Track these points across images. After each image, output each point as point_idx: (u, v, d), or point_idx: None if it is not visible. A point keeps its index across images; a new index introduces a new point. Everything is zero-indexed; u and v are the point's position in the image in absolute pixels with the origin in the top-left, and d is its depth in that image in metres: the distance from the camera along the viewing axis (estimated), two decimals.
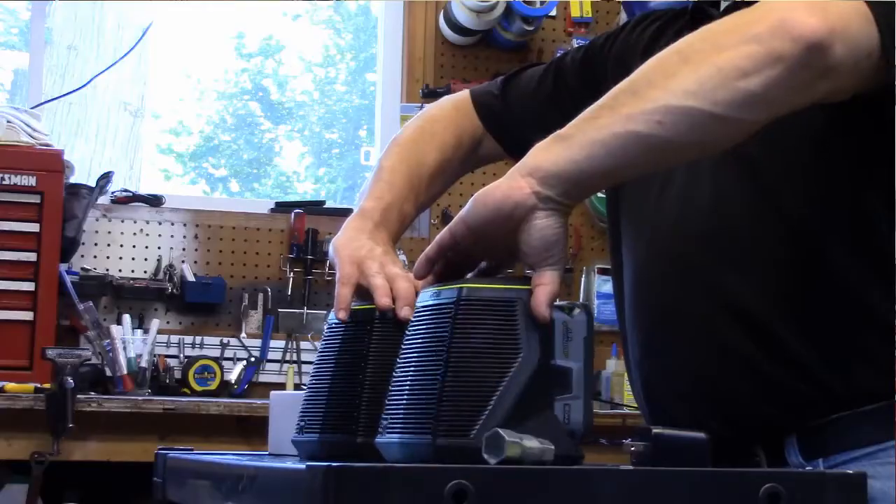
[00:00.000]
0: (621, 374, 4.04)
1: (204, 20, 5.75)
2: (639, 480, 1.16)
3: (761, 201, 1.50)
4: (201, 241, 4.12)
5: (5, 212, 3.52)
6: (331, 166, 6.64)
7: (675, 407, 1.57)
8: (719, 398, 1.54)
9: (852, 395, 1.49)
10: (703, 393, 1.55)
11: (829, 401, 1.50)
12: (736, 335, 1.52)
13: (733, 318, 1.53)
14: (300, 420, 1.43)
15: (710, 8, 1.68)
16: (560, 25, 4.48)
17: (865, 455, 1.46)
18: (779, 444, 1.51)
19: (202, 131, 6.65)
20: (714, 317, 1.54)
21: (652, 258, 1.62)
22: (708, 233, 1.54)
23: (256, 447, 3.12)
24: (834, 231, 1.50)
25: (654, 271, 1.62)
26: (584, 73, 1.82)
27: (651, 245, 1.62)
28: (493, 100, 1.86)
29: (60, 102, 4.55)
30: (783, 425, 1.52)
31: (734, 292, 1.53)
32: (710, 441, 1.24)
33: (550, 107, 1.80)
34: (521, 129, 1.79)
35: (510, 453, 1.15)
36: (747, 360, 1.52)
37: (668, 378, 1.61)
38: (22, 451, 3.19)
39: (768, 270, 1.52)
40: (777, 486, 1.15)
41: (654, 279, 1.62)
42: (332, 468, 1.06)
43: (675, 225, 1.57)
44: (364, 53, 6.39)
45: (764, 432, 1.52)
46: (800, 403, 1.51)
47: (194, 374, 3.89)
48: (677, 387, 1.59)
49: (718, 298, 1.54)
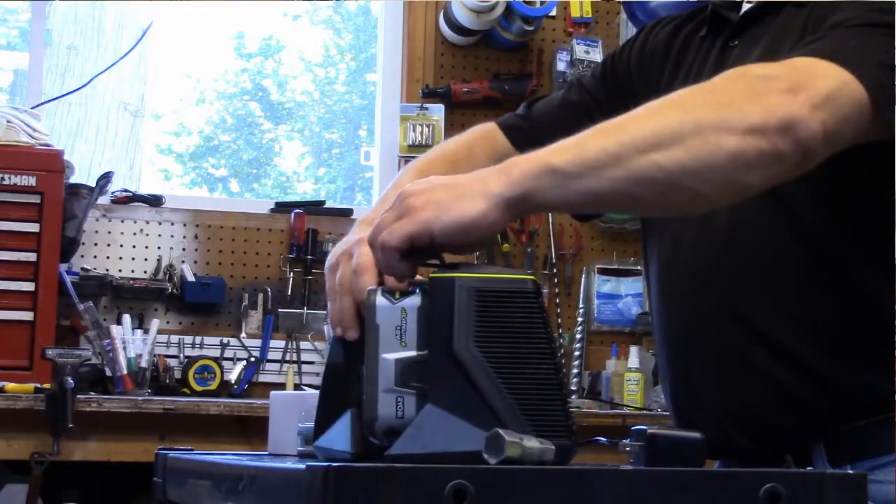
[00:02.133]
0: (621, 374, 4.05)
1: (204, 20, 5.75)
2: (639, 481, 1.16)
3: (778, 217, 1.51)
4: (201, 241, 4.12)
5: (5, 212, 3.52)
6: (331, 166, 6.64)
7: (699, 418, 1.58)
8: (742, 413, 1.55)
9: (874, 402, 1.50)
10: (725, 407, 1.57)
11: (851, 409, 1.52)
12: (755, 351, 1.55)
13: (752, 334, 1.55)
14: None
15: (728, 12, 1.69)
16: (560, 25, 4.48)
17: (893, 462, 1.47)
18: (806, 453, 1.52)
19: (202, 131, 6.65)
20: (733, 333, 1.57)
21: (673, 273, 1.66)
22: (726, 250, 1.56)
23: (256, 447, 3.11)
24: (851, 246, 1.52)
25: (675, 287, 1.65)
26: (606, 82, 1.85)
27: (672, 261, 1.66)
28: (518, 120, 1.89)
29: (60, 102, 4.55)
30: (808, 436, 1.53)
31: (752, 308, 1.55)
32: (705, 441, 1.25)
33: (577, 112, 1.82)
34: (550, 136, 1.81)
35: (510, 453, 1.15)
36: (767, 376, 1.54)
37: (691, 390, 1.64)
38: (22, 451, 3.19)
39: (786, 286, 1.55)
40: (777, 486, 1.15)
41: (675, 294, 1.65)
42: (331, 468, 1.06)
43: (694, 242, 1.59)
44: (364, 53, 6.39)
45: (788, 443, 1.53)
46: (821, 414, 1.53)
47: (194, 374, 3.89)
48: (701, 400, 1.61)
49: (737, 314, 1.56)
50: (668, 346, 1.68)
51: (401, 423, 1.20)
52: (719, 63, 1.67)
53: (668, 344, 1.67)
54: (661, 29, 1.82)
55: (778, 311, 1.54)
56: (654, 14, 4.01)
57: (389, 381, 1.20)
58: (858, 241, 1.52)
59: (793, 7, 1.62)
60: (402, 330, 1.21)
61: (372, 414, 1.20)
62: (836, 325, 1.52)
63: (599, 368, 4.19)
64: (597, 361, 4.24)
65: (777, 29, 1.62)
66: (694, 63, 1.73)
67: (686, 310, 1.62)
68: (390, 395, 1.20)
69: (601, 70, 1.86)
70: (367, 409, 1.21)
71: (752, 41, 1.64)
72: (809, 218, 1.52)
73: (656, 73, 1.79)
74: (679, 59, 1.77)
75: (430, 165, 1.71)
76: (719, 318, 1.58)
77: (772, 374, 1.54)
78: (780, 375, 1.53)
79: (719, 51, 1.69)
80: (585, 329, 4.24)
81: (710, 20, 1.73)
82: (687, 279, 1.62)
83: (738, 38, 1.67)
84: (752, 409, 1.55)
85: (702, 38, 1.75)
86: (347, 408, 1.28)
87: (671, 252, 1.65)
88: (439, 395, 1.19)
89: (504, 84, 4.38)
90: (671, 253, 1.65)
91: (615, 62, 1.85)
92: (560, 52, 4.42)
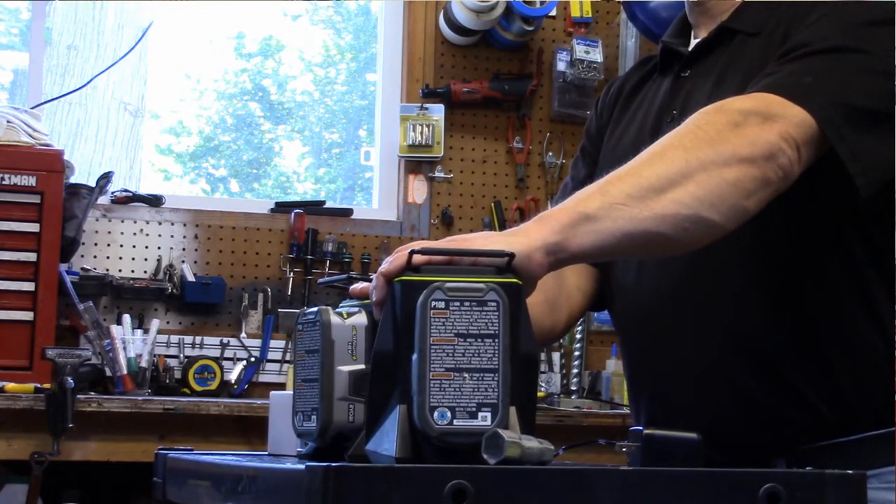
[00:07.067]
0: (621, 374, 4.03)
1: (204, 20, 5.75)
2: (638, 481, 1.16)
3: (748, 233, 1.52)
4: (201, 241, 4.12)
5: (5, 212, 3.52)
6: (331, 166, 6.63)
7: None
8: (705, 423, 1.56)
9: (842, 421, 1.55)
10: (687, 417, 1.58)
11: (826, 426, 1.55)
12: (735, 368, 1.58)
13: (733, 350, 1.58)
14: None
15: (678, 46, 1.76)
16: (560, 25, 4.48)
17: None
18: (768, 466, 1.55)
19: (202, 131, 6.64)
20: (712, 348, 1.59)
21: (640, 292, 1.67)
22: (695, 265, 1.57)
23: (256, 447, 3.12)
24: (814, 261, 1.56)
25: (642, 304, 1.67)
26: (590, 160, 1.89)
27: (638, 278, 1.66)
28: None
29: (60, 102, 4.55)
30: (774, 450, 1.56)
31: (731, 324, 1.59)
32: (701, 441, 1.25)
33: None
34: None
35: (509, 453, 1.15)
36: (746, 393, 1.56)
37: (657, 401, 1.67)
38: (22, 451, 3.19)
39: (756, 301, 1.58)
40: (777, 486, 1.15)
41: (643, 312, 1.68)
42: (331, 468, 1.06)
43: (662, 260, 1.60)
44: (364, 53, 6.39)
45: (753, 455, 1.55)
46: (798, 431, 1.55)
47: (194, 374, 3.89)
48: (665, 410, 1.63)
49: (713, 330, 1.60)
50: (634, 366, 1.73)
51: (351, 428, 1.28)
52: (672, 93, 1.72)
53: (635, 363, 1.73)
54: (607, 90, 1.90)
55: (762, 326, 1.57)
56: (654, 14, 4.01)
57: (343, 391, 1.29)
58: (824, 258, 1.57)
59: (744, 36, 1.67)
60: (352, 345, 1.30)
61: (327, 418, 1.28)
62: (809, 339, 1.57)
63: (599, 368, 4.19)
64: (597, 361, 4.24)
65: (729, 58, 1.67)
66: (646, 97, 1.79)
67: (654, 325, 1.66)
68: (343, 403, 1.29)
69: (580, 153, 1.92)
70: (324, 415, 1.29)
71: (704, 71, 1.69)
72: (773, 234, 1.57)
73: (614, 121, 1.85)
74: (629, 98, 1.84)
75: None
76: (696, 332, 1.61)
77: (740, 384, 1.58)
78: (752, 388, 1.57)
79: (671, 82, 1.74)
80: (585, 329, 4.24)
81: (662, 56, 1.79)
82: (656, 295, 1.65)
83: (691, 68, 1.72)
84: (716, 420, 1.57)
85: (653, 77, 1.81)
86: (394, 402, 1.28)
87: (638, 277, 1.68)
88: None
89: (504, 84, 4.38)
90: (637, 278, 1.68)
91: (588, 138, 1.91)
92: (560, 52, 4.42)
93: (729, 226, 1.41)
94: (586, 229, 1.31)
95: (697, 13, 1.75)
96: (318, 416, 1.29)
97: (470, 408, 1.19)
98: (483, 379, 1.19)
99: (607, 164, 1.71)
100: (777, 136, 1.42)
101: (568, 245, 1.30)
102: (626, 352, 1.75)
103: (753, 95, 1.48)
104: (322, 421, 1.28)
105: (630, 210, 1.34)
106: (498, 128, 4.44)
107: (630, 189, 1.35)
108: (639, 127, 1.75)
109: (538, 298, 1.57)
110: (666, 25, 1.88)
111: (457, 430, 1.18)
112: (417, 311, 1.20)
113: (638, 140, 1.68)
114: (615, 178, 1.37)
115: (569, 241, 1.30)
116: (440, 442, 1.18)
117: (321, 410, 1.29)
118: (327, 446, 1.30)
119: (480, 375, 1.19)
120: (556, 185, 4.27)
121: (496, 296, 1.21)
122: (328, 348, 1.29)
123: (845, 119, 1.47)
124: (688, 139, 1.41)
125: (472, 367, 1.19)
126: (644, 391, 1.70)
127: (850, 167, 1.46)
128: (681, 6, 1.80)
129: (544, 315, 1.70)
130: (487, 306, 1.21)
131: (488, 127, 4.43)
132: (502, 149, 4.43)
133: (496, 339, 1.20)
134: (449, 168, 4.37)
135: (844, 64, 1.51)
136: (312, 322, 1.32)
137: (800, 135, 1.44)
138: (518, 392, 1.21)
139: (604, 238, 1.32)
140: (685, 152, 1.38)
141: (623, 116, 1.82)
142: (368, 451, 1.23)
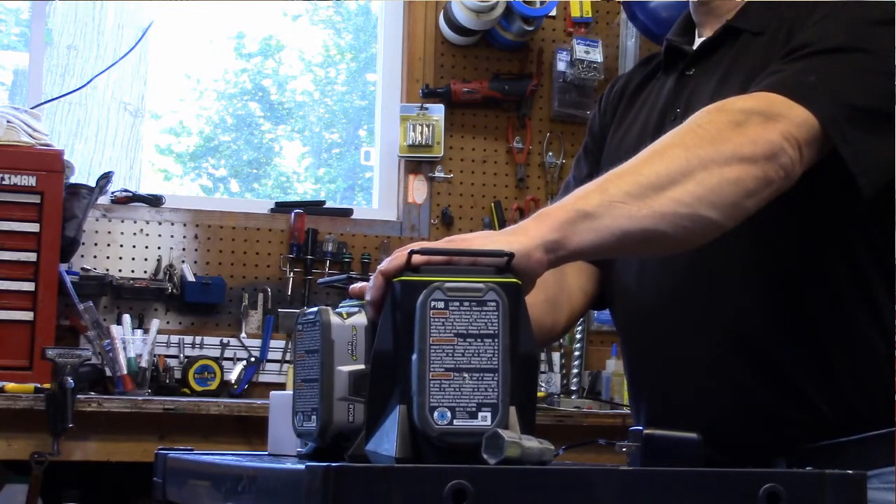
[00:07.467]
0: (621, 374, 4.04)
1: (204, 20, 5.75)
2: (638, 481, 1.16)
3: (749, 233, 1.52)
4: (201, 241, 4.12)
5: (5, 212, 3.52)
6: (331, 166, 6.63)
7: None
8: (705, 423, 1.57)
9: (842, 420, 1.55)
10: (687, 417, 1.58)
11: (820, 426, 1.54)
12: (736, 367, 1.58)
13: (734, 349, 1.58)
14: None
15: (683, 45, 1.76)
16: (560, 25, 4.48)
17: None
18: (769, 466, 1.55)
19: (202, 131, 6.64)
20: (714, 347, 1.59)
21: (642, 291, 1.67)
22: (696, 265, 1.57)
23: (256, 447, 3.12)
24: (815, 261, 1.56)
25: (643, 303, 1.67)
26: (593, 157, 1.89)
27: (639, 278, 1.66)
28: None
29: (60, 102, 4.55)
30: (774, 450, 1.56)
31: (733, 322, 1.59)
32: (701, 441, 1.25)
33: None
34: None
35: (509, 453, 1.15)
36: (748, 393, 1.56)
37: (657, 401, 1.67)
38: (22, 451, 3.19)
39: (757, 301, 1.59)
40: (777, 486, 1.15)
41: (643, 312, 1.68)
42: (331, 468, 1.06)
43: (664, 258, 1.60)
44: (364, 53, 6.39)
45: (753, 455, 1.55)
46: (800, 432, 1.55)
47: (194, 374, 3.89)
48: (665, 410, 1.63)
49: (713, 328, 1.60)
50: (634, 366, 1.73)
51: (351, 428, 1.28)
52: (676, 92, 1.72)
53: (635, 362, 1.72)
54: (611, 88, 1.90)
55: (763, 326, 1.57)
56: (654, 14, 4.01)
57: (343, 391, 1.29)
58: (824, 262, 1.57)
59: (749, 35, 1.67)
60: (352, 345, 1.30)
61: (327, 418, 1.28)
62: (810, 339, 1.57)
63: (599, 368, 4.19)
64: (597, 361, 4.24)
65: (734, 57, 1.67)
66: (649, 96, 1.80)
67: (654, 326, 1.66)
68: (343, 403, 1.29)
69: (583, 151, 1.92)
70: (324, 415, 1.29)
71: (709, 69, 1.70)
72: (773, 236, 1.57)
73: (617, 120, 1.85)
74: (633, 97, 1.84)
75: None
76: (697, 331, 1.61)
77: (752, 392, 1.57)
78: (750, 385, 1.57)
79: (675, 80, 1.74)
80: (585, 329, 4.23)
81: (666, 55, 1.79)
82: (656, 294, 1.65)
83: (695, 66, 1.73)
84: (730, 428, 1.56)
85: (656, 76, 1.81)
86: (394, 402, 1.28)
87: (639, 277, 1.68)
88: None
89: (504, 84, 4.38)
90: (641, 268, 1.67)
91: (591, 136, 1.91)
92: (560, 52, 4.42)
93: (728, 224, 1.41)
94: (585, 227, 1.31)
95: (702, 12, 1.75)
96: (318, 416, 1.29)
97: (470, 408, 1.19)
98: (483, 379, 1.19)
99: (610, 162, 1.71)
100: (779, 135, 1.42)
101: (567, 243, 1.30)
102: (626, 351, 1.75)
103: (755, 95, 1.48)
104: (322, 421, 1.29)
105: (629, 208, 1.34)
106: (498, 128, 4.44)
107: (629, 187, 1.35)
108: (642, 125, 1.75)
109: (539, 297, 1.57)
110: (666, 25, 1.89)
111: (457, 430, 1.18)
112: (417, 311, 1.20)
113: (641, 138, 1.69)
114: (614, 176, 1.37)
115: (568, 238, 1.30)
116: (440, 442, 1.18)
117: (321, 410, 1.29)
118: (327, 446, 1.30)
119: (480, 375, 1.19)
120: (557, 185, 4.28)
121: (496, 296, 1.21)
122: (328, 348, 1.29)
123: (848, 119, 1.47)
124: (688, 138, 1.41)
125: (472, 367, 1.19)
126: (644, 391, 1.69)
127: (853, 167, 1.46)
128: (681, 6, 1.80)
129: (545, 314, 1.70)
130: (487, 306, 1.21)
131: (488, 127, 4.43)
132: (502, 149, 4.43)
133: (496, 338, 1.20)
134: (449, 168, 4.37)
135: (847, 64, 1.51)
136: (312, 322, 1.32)
137: (802, 134, 1.44)
138: (518, 392, 1.21)
139: (603, 236, 1.32)
140: (685, 151, 1.39)
141: (626, 115, 1.82)
142: (368, 451, 1.23)
